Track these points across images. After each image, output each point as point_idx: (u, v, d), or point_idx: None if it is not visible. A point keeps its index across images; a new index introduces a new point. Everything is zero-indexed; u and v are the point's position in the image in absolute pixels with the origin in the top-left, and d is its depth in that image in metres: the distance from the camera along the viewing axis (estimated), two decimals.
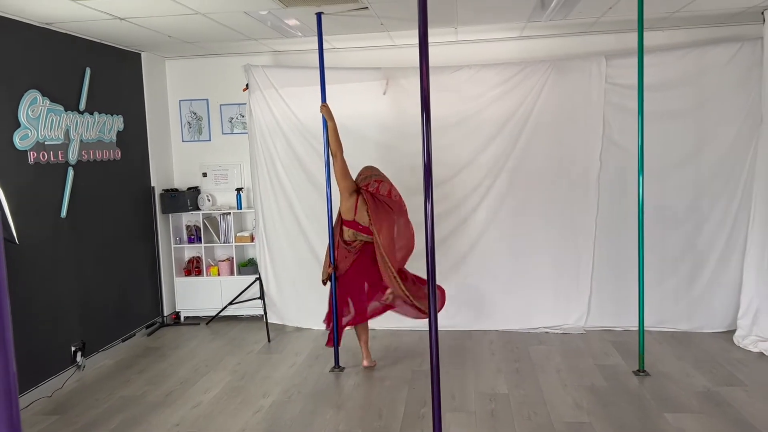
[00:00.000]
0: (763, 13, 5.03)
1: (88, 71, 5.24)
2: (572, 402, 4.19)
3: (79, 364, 5.00)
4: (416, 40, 2.62)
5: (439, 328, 2.79)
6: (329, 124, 4.80)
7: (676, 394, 4.25)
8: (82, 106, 5.18)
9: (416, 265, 5.83)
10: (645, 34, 4.60)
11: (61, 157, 4.90)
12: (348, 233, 4.82)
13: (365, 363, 5.02)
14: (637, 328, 4.71)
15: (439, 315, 3.98)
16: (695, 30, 5.73)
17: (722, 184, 5.49)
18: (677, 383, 4.43)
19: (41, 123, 4.67)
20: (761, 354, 4.93)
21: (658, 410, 4.00)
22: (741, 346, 5.11)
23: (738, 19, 5.45)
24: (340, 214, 4.87)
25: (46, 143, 4.72)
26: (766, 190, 5.08)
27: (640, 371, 4.64)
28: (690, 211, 5.57)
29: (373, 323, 5.98)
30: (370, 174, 4.90)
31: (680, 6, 4.84)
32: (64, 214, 4.93)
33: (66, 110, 4.96)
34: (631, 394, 4.28)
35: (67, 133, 4.97)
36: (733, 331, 5.30)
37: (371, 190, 4.75)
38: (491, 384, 4.56)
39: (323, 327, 5.26)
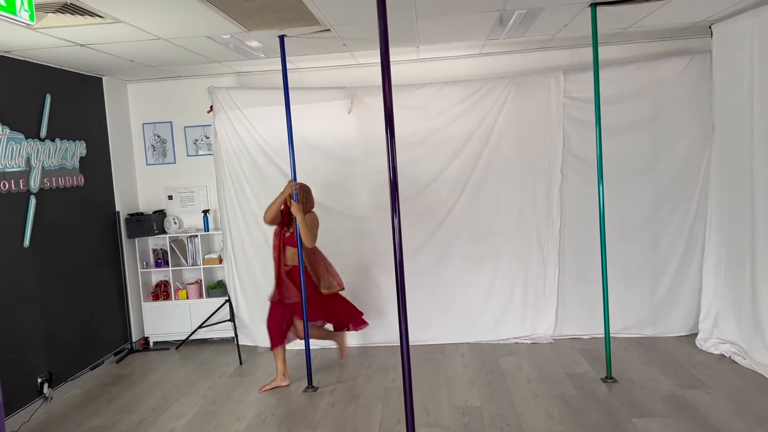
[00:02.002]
0: (710, 27, 5.24)
1: (48, 98, 5.18)
2: (543, 412, 4.26)
3: (47, 395, 4.90)
4: (379, 59, 2.68)
5: (411, 343, 2.82)
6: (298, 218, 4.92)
7: (643, 399, 4.36)
8: (43, 133, 5.11)
9: (385, 280, 5.90)
10: (600, 48, 4.77)
11: (23, 186, 4.83)
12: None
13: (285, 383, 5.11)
14: (603, 335, 4.82)
15: (411, 329, 4.03)
16: (648, 44, 5.93)
17: (679, 192, 5.67)
18: (644, 388, 4.54)
19: (1, 152, 4.59)
20: (722, 356, 5.09)
21: (627, 416, 4.10)
22: (703, 348, 5.27)
23: (687, 33, 5.67)
24: (283, 244, 5.05)
25: (6, 172, 4.64)
26: (720, 197, 5.27)
27: (608, 378, 4.75)
28: (649, 219, 5.73)
29: (348, 340, 6.02)
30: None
31: (632, 22, 5.02)
32: (27, 243, 4.85)
33: (26, 138, 4.89)
34: (600, 402, 4.38)
35: (28, 161, 4.90)
36: (696, 335, 5.46)
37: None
38: (464, 397, 4.61)
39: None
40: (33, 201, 4.92)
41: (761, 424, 3.87)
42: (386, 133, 2.67)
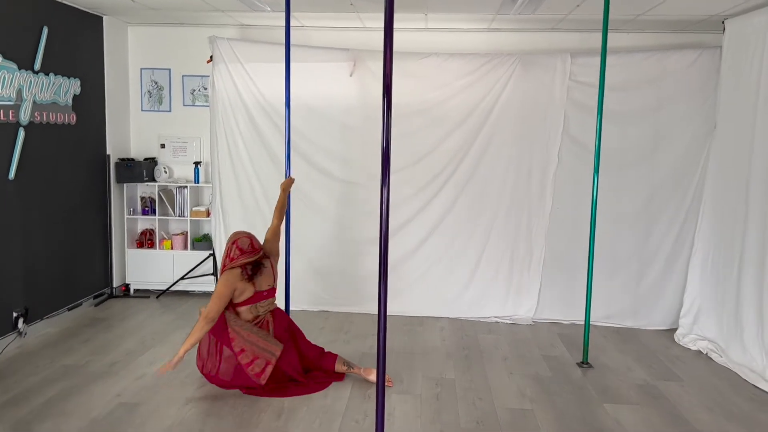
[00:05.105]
0: (723, 22, 5.17)
1: (45, 30, 5.06)
2: (516, 389, 4.27)
3: (21, 330, 4.87)
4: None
5: (391, 313, 2.80)
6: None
7: (617, 385, 4.37)
8: (38, 65, 5.00)
9: (374, 249, 5.86)
10: (609, 34, 4.69)
11: (12, 117, 4.73)
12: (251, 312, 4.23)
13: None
14: (583, 322, 4.82)
15: (393, 300, 3.94)
16: (658, 35, 5.85)
17: (674, 186, 5.64)
18: (618, 376, 4.56)
19: None
20: (699, 352, 5.10)
21: (598, 400, 4.12)
22: (681, 343, 5.28)
23: (700, 27, 5.60)
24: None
25: None
26: (715, 195, 5.25)
27: (584, 363, 4.76)
28: (642, 210, 5.70)
29: (328, 305, 6.02)
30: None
31: (645, 9, 4.94)
32: (12, 175, 4.77)
33: (19, 68, 4.78)
34: (574, 385, 4.39)
35: (19, 93, 4.80)
36: (675, 329, 5.47)
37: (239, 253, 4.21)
38: (439, 369, 4.61)
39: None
40: (22, 133, 4.83)
41: (729, 418, 3.89)
42: (383, 101, 2.57)
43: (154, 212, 6.37)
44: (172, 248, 6.36)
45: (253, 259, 4.19)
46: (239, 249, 4.20)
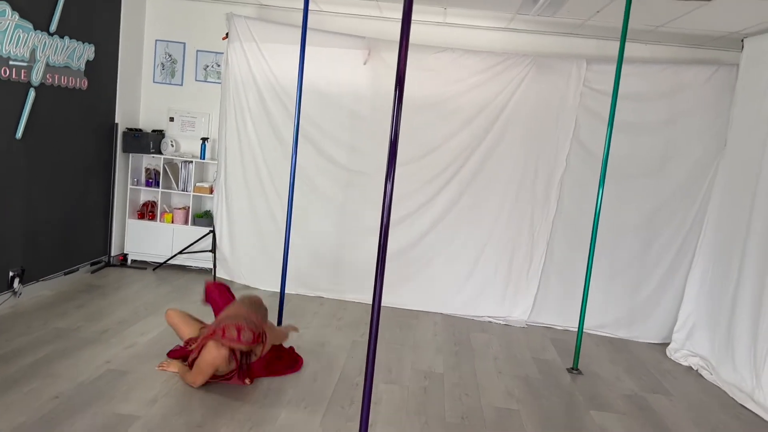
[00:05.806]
0: (743, 40, 5.14)
1: None
2: (504, 389, 4.27)
3: (16, 290, 4.87)
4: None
5: (386, 305, 2.78)
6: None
7: (605, 393, 4.37)
8: (53, 27, 4.99)
9: (370, 241, 5.85)
10: (627, 44, 4.66)
11: (24, 77, 4.73)
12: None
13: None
14: (576, 329, 4.82)
15: (389, 292, 3.91)
16: (676, 48, 5.83)
17: (680, 200, 5.62)
18: (607, 384, 4.55)
19: (7, 37, 4.48)
20: (690, 368, 5.10)
21: (585, 407, 4.11)
22: (673, 358, 5.28)
23: (718, 44, 5.57)
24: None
25: (9, 60, 4.54)
26: (719, 212, 5.23)
27: (574, 369, 4.76)
28: (645, 222, 5.69)
29: (324, 291, 6.03)
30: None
31: (665, 20, 4.91)
32: (19, 135, 4.77)
33: (35, 29, 4.77)
34: (562, 389, 4.39)
35: (33, 53, 4.79)
36: (668, 344, 5.46)
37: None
38: (429, 363, 4.62)
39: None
40: (32, 93, 4.82)
41: None
42: (395, 92, 2.56)
43: (157, 184, 6.37)
44: (172, 222, 6.36)
45: (245, 348, 3.80)
46: (239, 338, 3.70)
